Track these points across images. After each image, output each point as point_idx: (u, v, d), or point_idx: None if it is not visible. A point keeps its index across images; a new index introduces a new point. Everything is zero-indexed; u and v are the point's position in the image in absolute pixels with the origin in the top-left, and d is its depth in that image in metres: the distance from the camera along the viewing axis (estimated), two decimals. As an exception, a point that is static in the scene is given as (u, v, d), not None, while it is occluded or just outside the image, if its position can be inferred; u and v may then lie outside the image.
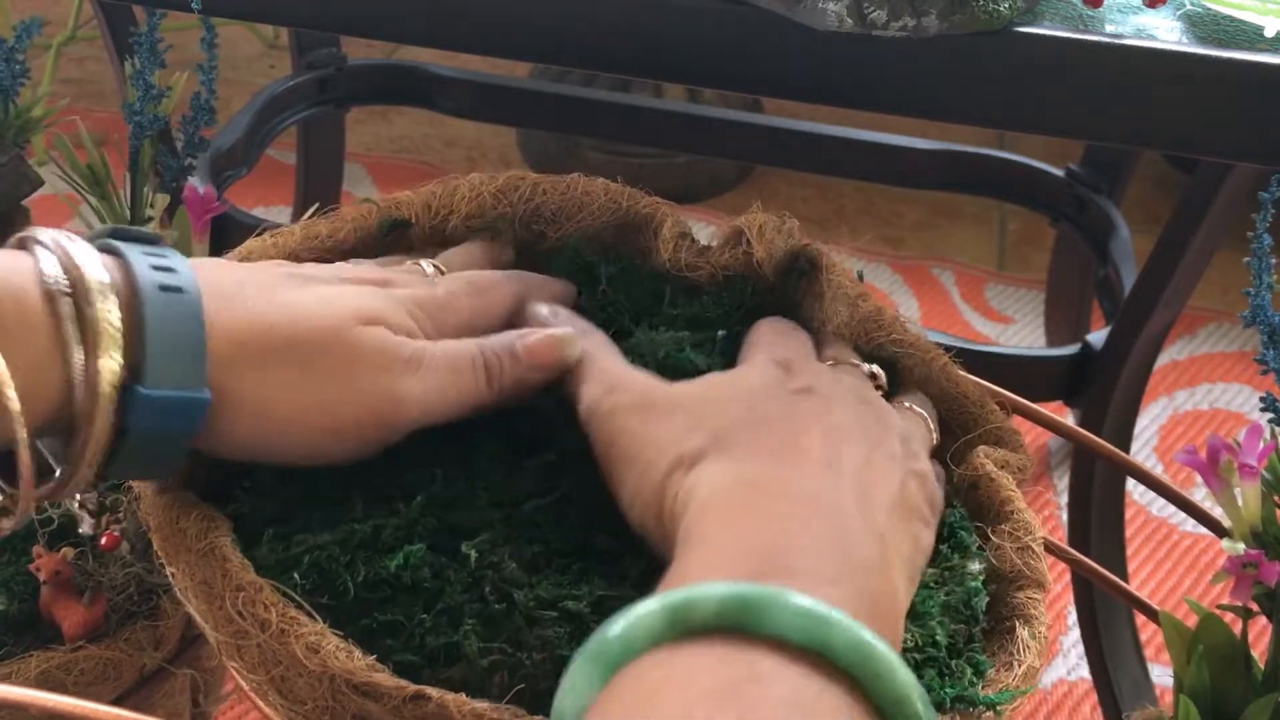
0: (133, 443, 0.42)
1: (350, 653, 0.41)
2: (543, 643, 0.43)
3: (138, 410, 0.41)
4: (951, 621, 0.47)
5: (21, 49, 0.68)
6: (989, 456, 0.53)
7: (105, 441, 0.41)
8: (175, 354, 0.42)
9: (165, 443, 0.43)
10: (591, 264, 0.59)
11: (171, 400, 0.41)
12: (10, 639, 0.64)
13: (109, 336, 0.41)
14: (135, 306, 0.41)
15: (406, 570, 0.44)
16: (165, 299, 0.42)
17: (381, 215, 0.58)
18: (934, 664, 0.45)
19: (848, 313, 0.57)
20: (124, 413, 0.41)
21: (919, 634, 0.46)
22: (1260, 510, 0.54)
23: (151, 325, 0.41)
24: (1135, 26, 0.64)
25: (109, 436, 0.41)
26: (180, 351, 0.42)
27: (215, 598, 0.43)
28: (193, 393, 0.42)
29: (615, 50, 0.70)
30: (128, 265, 0.42)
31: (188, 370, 0.42)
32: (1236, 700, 0.54)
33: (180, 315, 0.42)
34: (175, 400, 0.42)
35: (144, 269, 0.42)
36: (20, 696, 0.44)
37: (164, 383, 0.41)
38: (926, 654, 0.46)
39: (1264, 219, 0.57)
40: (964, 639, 0.47)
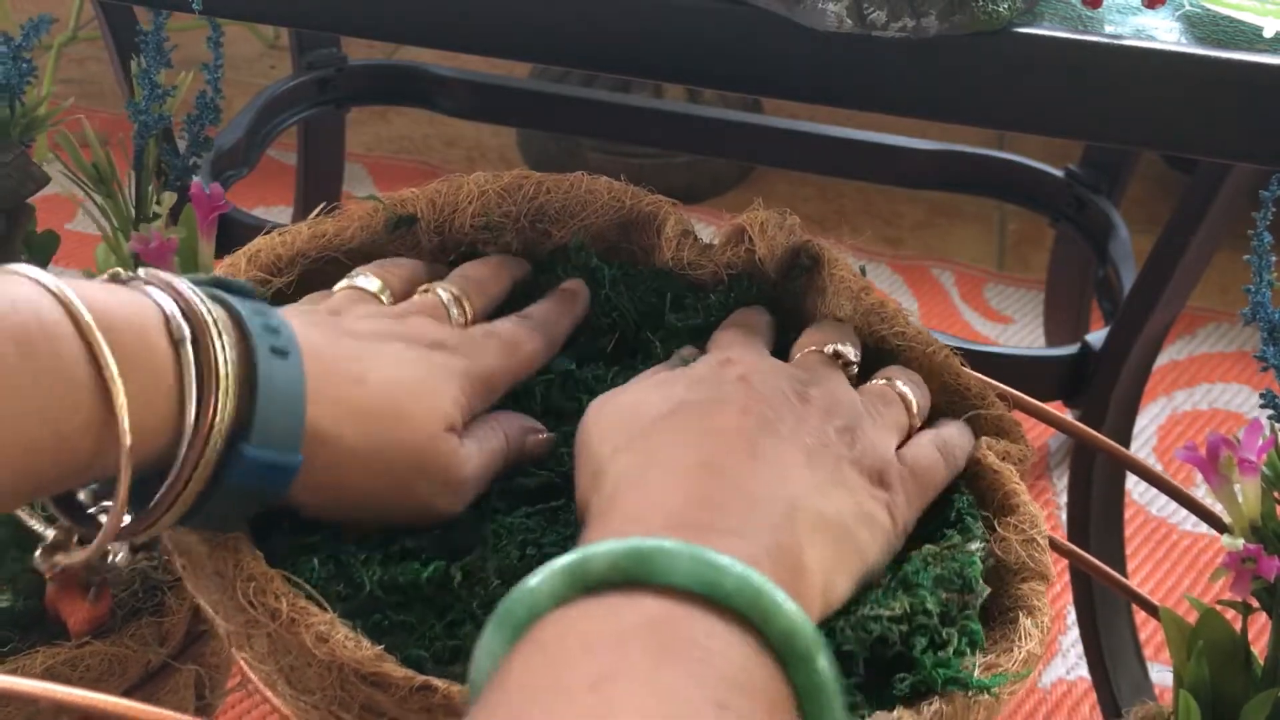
0: (223, 495, 0.42)
1: (359, 643, 0.41)
2: None
3: (238, 466, 0.41)
4: (944, 591, 0.47)
5: (28, 47, 0.68)
6: (991, 448, 0.53)
7: (200, 490, 0.41)
8: (280, 418, 0.42)
9: (252, 499, 0.43)
10: (595, 269, 0.60)
11: (271, 461, 0.42)
12: (16, 635, 0.64)
13: (225, 390, 0.41)
14: (248, 364, 0.42)
15: (430, 582, 0.45)
16: (275, 362, 0.43)
17: (387, 213, 0.59)
18: (924, 631, 0.45)
19: (851, 306, 0.58)
20: (222, 466, 0.41)
21: (909, 601, 0.45)
22: (1260, 506, 0.54)
23: (264, 385, 0.42)
24: (1134, 27, 0.64)
25: (204, 485, 0.41)
26: (285, 416, 0.42)
27: (227, 587, 0.43)
28: (290, 456, 0.43)
29: (615, 50, 0.70)
30: (241, 322, 0.43)
31: (289, 435, 0.43)
32: (1236, 695, 0.54)
33: (287, 379, 0.43)
34: (274, 462, 0.42)
35: (257, 327, 0.43)
36: (32, 689, 0.44)
37: (268, 443, 0.42)
38: (917, 622, 0.45)
39: (1264, 217, 0.57)
40: (957, 607, 0.47)
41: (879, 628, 0.44)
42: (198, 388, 0.41)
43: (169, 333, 0.41)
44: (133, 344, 0.40)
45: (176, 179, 0.73)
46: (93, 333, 0.39)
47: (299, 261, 0.57)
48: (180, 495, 0.41)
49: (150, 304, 0.42)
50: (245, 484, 0.42)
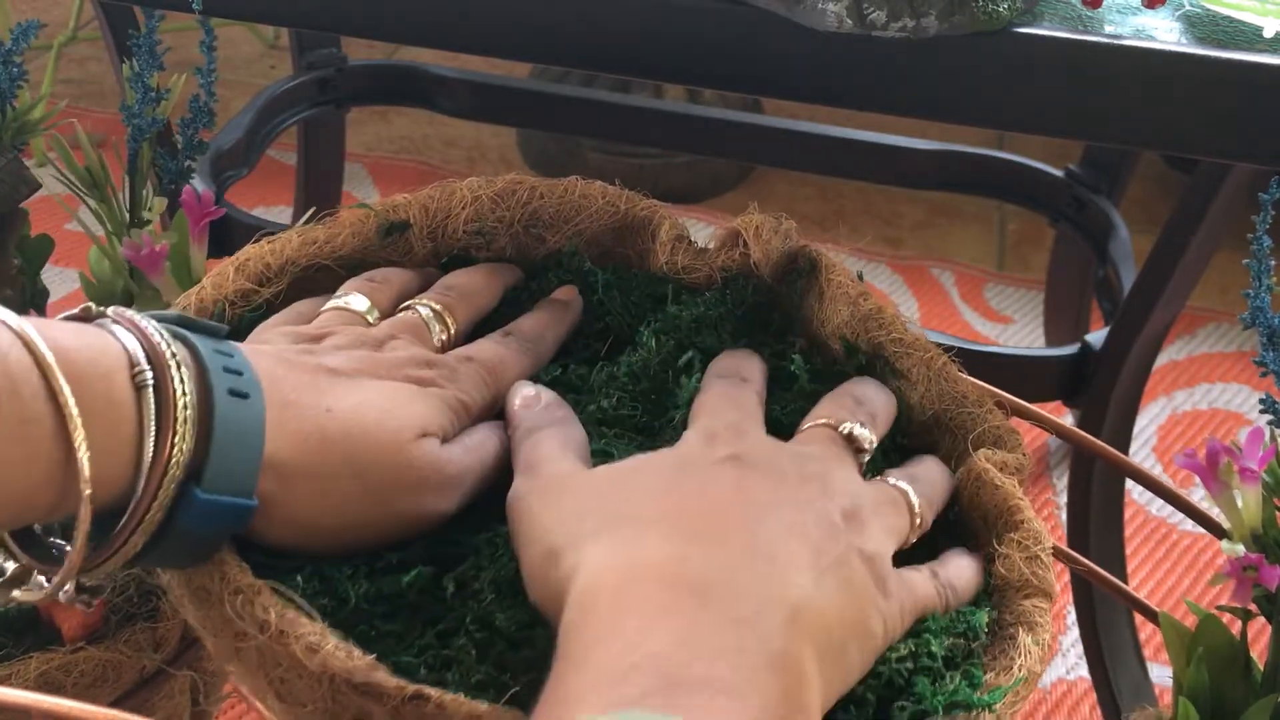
0: (176, 537, 0.42)
1: (350, 652, 0.41)
2: (527, 665, 0.43)
3: (190, 510, 0.41)
4: (950, 637, 0.47)
5: (19, 51, 0.68)
6: (989, 460, 0.53)
7: (151, 532, 0.41)
8: (236, 461, 0.42)
9: (207, 540, 0.43)
10: (588, 273, 0.60)
11: (223, 505, 0.42)
12: (10, 641, 0.64)
13: (182, 436, 0.41)
14: (206, 408, 0.42)
15: (413, 589, 0.45)
16: (234, 405, 0.42)
17: (379, 220, 0.58)
18: (928, 673, 0.45)
19: (848, 311, 0.57)
20: (174, 509, 0.41)
21: (914, 644, 0.46)
22: (1260, 513, 0.54)
23: (219, 431, 0.42)
24: (1134, 27, 0.64)
25: (155, 528, 0.41)
26: (241, 459, 0.42)
27: (213, 602, 0.43)
28: (244, 500, 0.43)
29: (615, 50, 0.70)
30: (201, 364, 0.43)
31: (244, 478, 0.42)
32: (1236, 702, 0.54)
33: (245, 422, 0.43)
34: (226, 505, 0.42)
35: (217, 370, 0.43)
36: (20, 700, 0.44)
37: (219, 488, 0.42)
38: (921, 663, 0.45)
39: (1264, 220, 0.57)
40: (962, 654, 0.47)
41: (887, 670, 0.44)
42: (156, 434, 0.41)
43: (132, 378, 0.41)
44: (96, 390, 0.40)
45: (171, 182, 0.72)
46: (56, 379, 0.39)
47: (288, 270, 0.56)
48: (131, 538, 0.41)
49: (115, 346, 0.42)
50: (198, 526, 0.42)
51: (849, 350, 0.57)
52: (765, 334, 0.59)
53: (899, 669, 0.44)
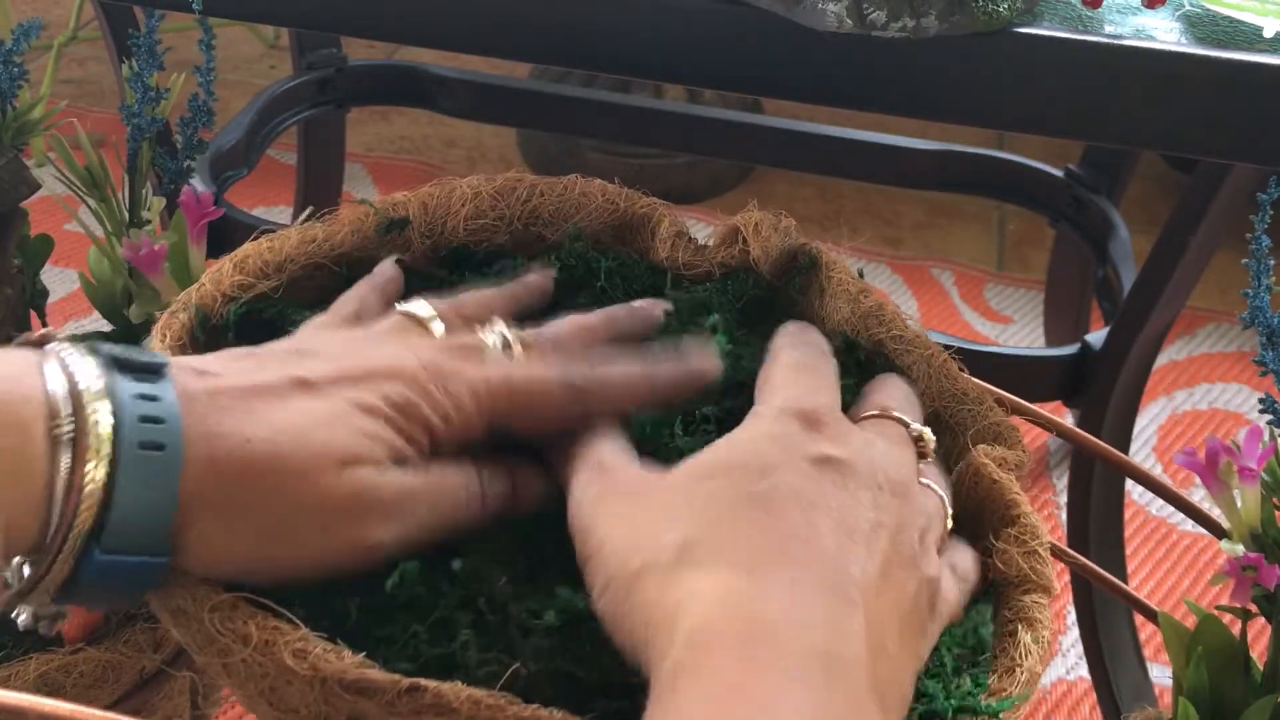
0: (84, 591, 0.41)
1: (339, 653, 0.40)
2: (537, 654, 0.43)
3: (91, 569, 0.41)
4: (959, 648, 0.47)
5: (19, 51, 0.68)
6: (988, 455, 0.53)
7: (56, 589, 0.41)
8: (138, 522, 0.41)
9: (119, 592, 0.43)
10: (591, 259, 0.59)
11: (126, 565, 0.41)
12: (9, 641, 0.64)
13: (90, 497, 0.40)
14: (112, 464, 0.41)
15: (402, 587, 0.44)
16: (144, 459, 0.41)
17: (379, 216, 0.58)
18: (939, 679, 0.46)
19: (849, 309, 0.57)
20: (78, 568, 0.41)
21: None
22: (1260, 513, 0.54)
23: (121, 492, 0.41)
24: (1134, 27, 0.64)
25: (63, 579, 0.41)
26: (145, 520, 0.41)
27: (191, 622, 0.42)
28: (150, 558, 0.42)
29: (615, 50, 0.70)
30: (117, 413, 0.41)
31: (149, 536, 0.41)
32: (1236, 701, 0.54)
33: (155, 479, 0.41)
34: (129, 565, 0.41)
35: (130, 420, 0.41)
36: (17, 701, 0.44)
37: (121, 549, 0.41)
38: (931, 671, 0.46)
39: (1262, 220, 0.57)
40: (969, 663, 0.47)
41: None
42: (64, 498, 0.40)
43: (49, 430, 0.40)
44: (15, 450, 0.40)
45: (171, 182, 0.72)
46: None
47: (287, 267, 0.56)
48: (35, 591, 0.41)
49: (38, 387, 0.41)
50: (103, 583, 0.41)
51: (849, 347, 0.57)
52: (766, 325, 0.59)
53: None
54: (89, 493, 0.40)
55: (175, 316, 0.53)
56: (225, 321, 0.53)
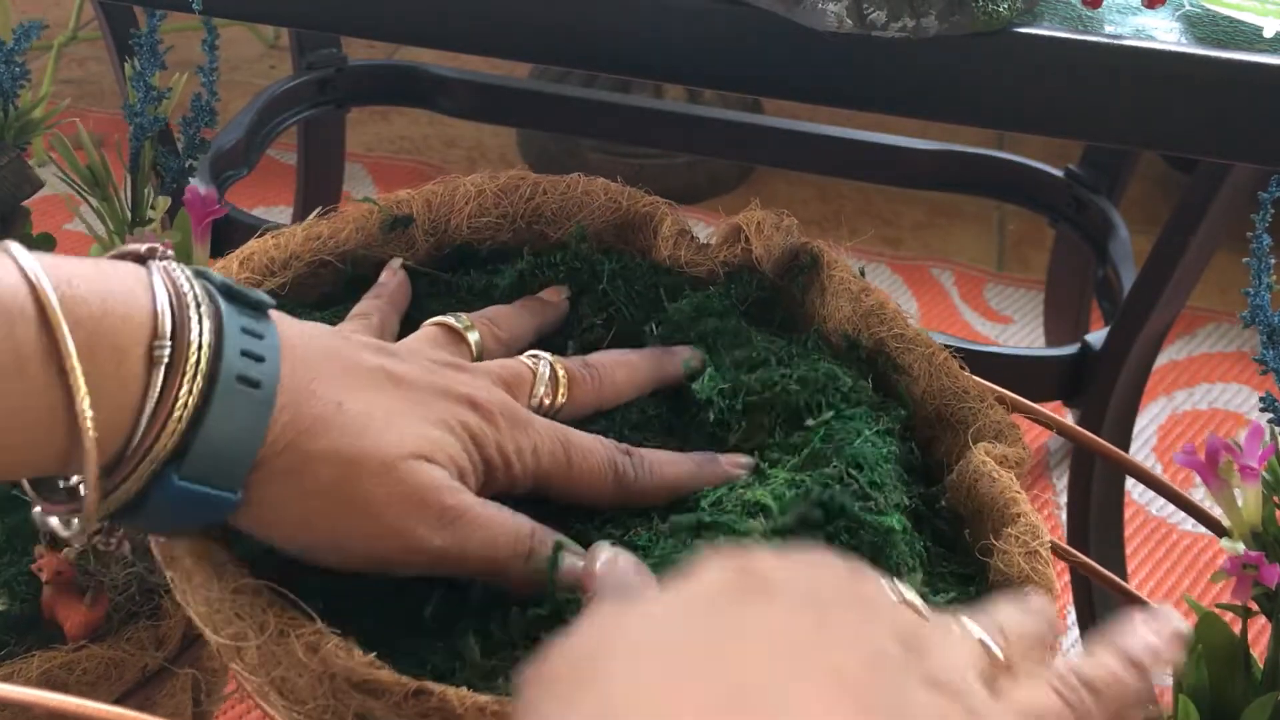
0: (147, 513, 0.41)
1: (350, 651, 0.40)
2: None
3: (163, 492, 0.40)
4: None
5: (20, 51, 0.68)
6: (989, 454, 0.53)
7: (123, 503, 0.41)
8: (222, 455, 0.41)
9: (180, 519, 0.42)
10: (594, 261, 0.60)
11: (198, 494, 0.41)
12: (12, 639, 0.64)
13: (178, 419, 0.40)
14: (206, 391, 0.40)
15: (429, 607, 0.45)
16: (240, 394, 0.41)
17: (383, 214, 0.58)
18: None
19: (850, 307, 0.58)
20: (149, 487, 0.40)
21: None
22: (1260, 511, 0.54)
23: (212, 419, 0.40)
24: (1134, 27, 0.64)
25: (128, 500, 0.41)
26: (229, 453, 0.41)
27: (213, 601, 0.43)
28: (224, 492, 0.41)
29: (615, 50, 0.70)
30: (219, 341, 0.41)
31: (228, 472, 0.41)
32: (1236, 700, 0.54)
33: (246, 415, 0.41)
34: (201, 495, 0.41)
35: (233, 353, 0.41)
36: (25, 696, 0.44)
37: (199, 478, 0.41)
38: None
39: (1263, 219, 0.57)
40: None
41: None
42: (150, 416, 0.40)
43: (149, 350, 0.40)
44: (106, 365, 0.39)
45: (173, 181, 0.72)
46: (69, 355, 0.38)
47: (293, 264, 0.56)
48: (102, 503, 0.40)
49: (144, 309, 0.40)
50: (170, 508, 0.41)
51: (851, 346, 0.57)
52: (770, 329, 0.59)
53: None
54: (177, 417, 0.40)
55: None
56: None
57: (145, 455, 0.40)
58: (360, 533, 0.43)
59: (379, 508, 0.43)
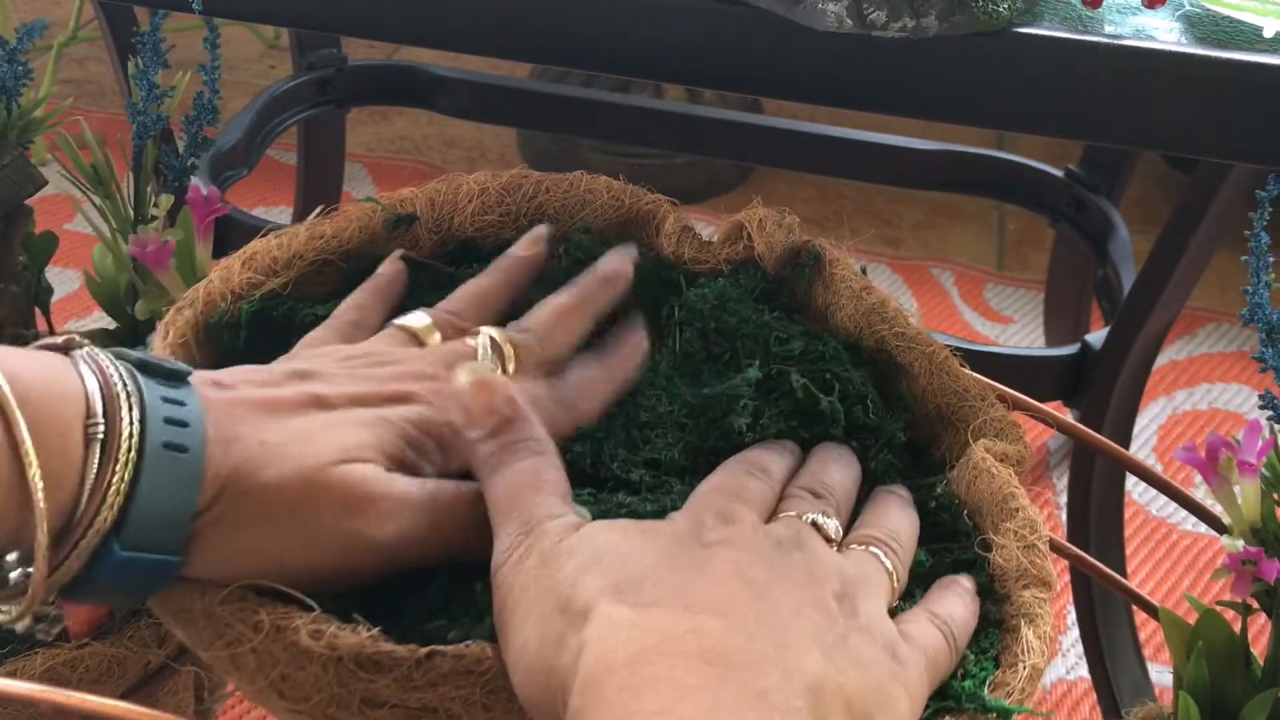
0: (94, 586, 0.42)
1: (355, 629, 0.41)
2: None
3: (107, 563, 0.41)
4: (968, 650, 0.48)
5: (23, 50, 0.68)
6: (989, 450, 0.53)
7: (66, 582, 0.42)
8: (160, 519, 0.42)
9: (128, 589, 0.43)
10: (598, 254, 0.60)
11: (141, 562, 0.42)
12: (15, 636, 0.64)
13: (115, 495, 0.41)
14: (137, 463, 0.42)
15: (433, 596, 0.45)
16: (168, 459, 0.42)
17: (386, 213, 0.59)
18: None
19: (852, 306, 0.58)
20: (93, 561, 0.41)
21: None
22: (1260, 507, 0.54)
23: (144, 489, 0.42)
24: (1134, 27, 0.64)
25: (72, 575, 0.42)
26: (165, 517, 0.42)
27: (197, 619, 0.43)
28: (165, 556, 0.42)
29: (616, 50, 0.70)
30: (144, 413, 0.43)
31: (167, 536, 0.42)
32: (1236, 696, 0.54)
33: (176, 479, 0.42)
34: (144, 562, 0.42)
35: (157, 421, 0.43)
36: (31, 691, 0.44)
37: (139, 545, 0.42)
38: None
39: (1261, 217, 0.57)
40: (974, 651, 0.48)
41: None
42: (89, 495, 0.41)
43: (84, 429, 0.42)
44: (52, 443, 0.41)
45: (175, 180, 0.73)
46: (18, 427, 0.40)
47: (296, 264, 0.56)
48: (51, 578, 0.41)
49: (78, 391, 0.42)
50: (115, 578, 0.42)
51: (852, 344, 0.57)
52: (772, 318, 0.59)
53: None
54: (114, 490, 0.41)
55: (180, 313, 0.53)
56: (237, 319, 0.54)
57: (88, 529, 0.41)
58: (302, 548, 0.44)
59: (312, 518, 0.44)
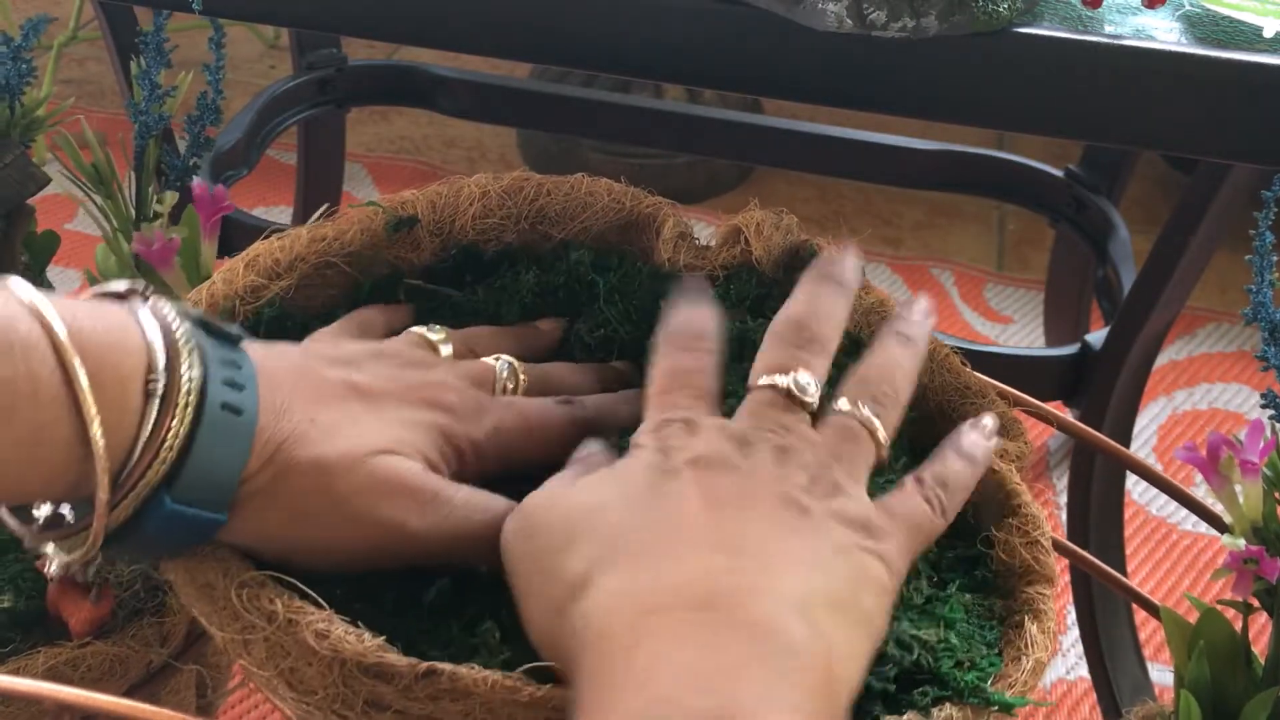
0: (139, 537, 0.43)
1: (360, 636, 0.41)
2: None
3: (155, 515, 0.42)
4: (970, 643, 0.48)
5: (28, 48, 0.68)
6: None
7: (114, 530, 0.43)
8: (211, 477, 0.43)
9: (170, 544, 0.44)
10: (591, 283, 0.60)
11: (189, 517, 0.43)
12: (17, 635, 0.64)
13: (170, 447, 0.42)
14: (194, 420, 0.43)
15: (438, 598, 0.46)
16: (224, 420, 0.43)
17: (387, 216, 0.59)
18: (950, 654, 0.46)
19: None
20: (142, 511, 0.42)
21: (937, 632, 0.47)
22: (1261, 507, 0.54)
23: (200, 446, 0.42)
24: (1134, 27, 0.64)
25: (122, 521, 0.42)
26: (217, 476, 0.43)
27: (218, 598, 0.43)
28: (211, 514, 0.43)
29: (615, 50, 0.70)
30: (205, 373, 0.44)
31: (216, 493, 0.43)
32: (1237, 695, 0.54)
33: (231, 441, 0.43)
34: (192, 517, 0.43)
35: (216, 383, 0.43)
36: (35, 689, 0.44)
37: (189, 501, 0.43)
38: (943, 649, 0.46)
39: (1265, 216, 0.57)
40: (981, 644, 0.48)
41: (918, 648, 0.45)
42: (144, 447, 0.42)
43: (145, 384, 0.42)
44: (110, 393, 0.41)
45: (176, 179, 0.73)
46: (81, 386, 0.40)
47: (298, 266, 0.57)
48: (94, 528, 0.42)
49: (138, 345, 0.43)
50: (162, 530, 0.43)
51: (852, 343, 0.58)
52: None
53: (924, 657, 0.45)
54: (169, 445, 0.42)
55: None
56: (256, 323, 0.55)
57: (140, 479, 0.42)
58: (340, 529, 0.45)
59: (353, 500, 0.45)
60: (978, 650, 0.47)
